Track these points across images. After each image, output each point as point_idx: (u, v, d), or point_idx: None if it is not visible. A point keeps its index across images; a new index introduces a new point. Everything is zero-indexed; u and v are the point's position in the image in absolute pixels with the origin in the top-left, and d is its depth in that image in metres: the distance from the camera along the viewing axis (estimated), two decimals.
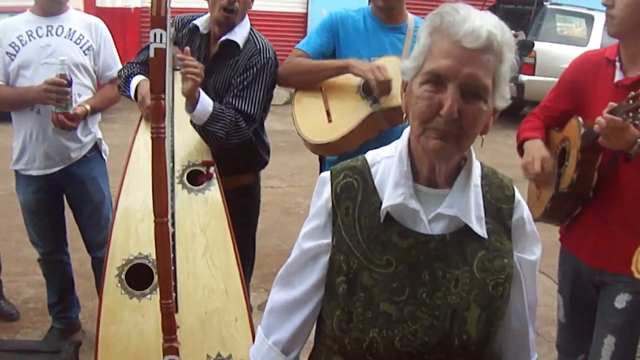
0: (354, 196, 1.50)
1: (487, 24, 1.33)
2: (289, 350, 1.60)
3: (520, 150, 2.81)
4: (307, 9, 13.73)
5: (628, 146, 2.28)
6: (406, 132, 1.51)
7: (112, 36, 3.70)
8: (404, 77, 1.45)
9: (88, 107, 3.48)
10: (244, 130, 2.90)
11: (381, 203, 1.47)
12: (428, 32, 1.39)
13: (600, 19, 10.34)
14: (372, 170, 1.53)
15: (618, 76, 2.51)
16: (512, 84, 10.24)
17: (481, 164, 1.56)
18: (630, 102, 2.21)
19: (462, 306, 1.44)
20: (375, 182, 1.51)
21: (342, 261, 1.47)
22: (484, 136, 1.45)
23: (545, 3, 12.05)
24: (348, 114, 2.98)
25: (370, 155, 1.56)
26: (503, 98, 1.41)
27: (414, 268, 1.44)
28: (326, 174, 1.56)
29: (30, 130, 3.50)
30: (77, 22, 3.55)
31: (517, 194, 1.56)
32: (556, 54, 10.33)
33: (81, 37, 3.52)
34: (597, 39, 10.64)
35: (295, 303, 1.56)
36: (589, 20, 11.29)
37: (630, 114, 2.20)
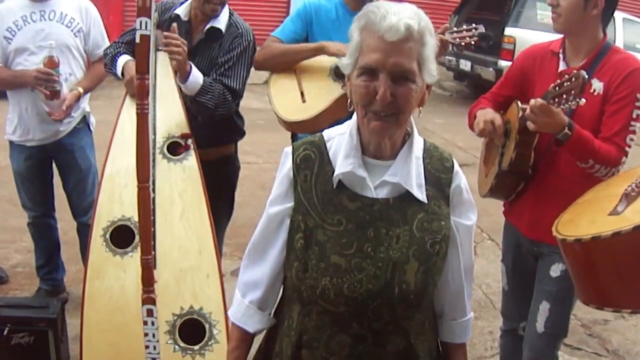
0: (312, 166, 1.72)
1: (404, 17, 1.54)
2: (265, 307, 1.84)
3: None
4: None
5: (556, 130, 2.51)
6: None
7: None
8: (345, 71, 1.67)
9: (81, 89, 3.75)
10: (230, 103, 3.17)
11: (334, 171, 1.69)
12: (358, 31, 1.61)
13: None
14: (328, 144, 1.74)
15: (562, 66, 2.76)
16: (491, 69, 10.22)
17: (424, 140, 1.79)
18: (556, 88, 2.45)
19: (402, 259, 1.64)
20: (330, 154, 1.72)
21: (301, 221, 1.69)
22: (421, 108, 1.68)
23: None
24: (321, 95, 3.20)
25: (327, 133, 1.78)
26: (430, 75, 1.63)
27: (361, 226, 1.66)
28: (289, 148, 1.78)
29: (25, 105, 3.74)
30: (68, 5, 3.75)
31: (456, 166, 1.78)
32: (535, 41, 10.24)
33: (72, 20, 3.74)
34: None
35: (267, 268, 1.78)
36: None
37: (556, 99, 2.44)
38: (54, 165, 4.04)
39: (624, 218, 2.07)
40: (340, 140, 1.74)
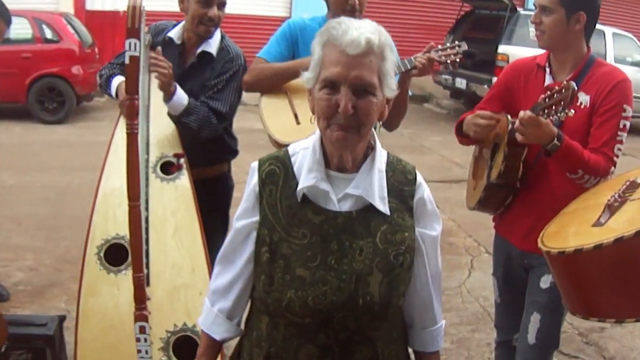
0: (276, 180, 1.76)
1: (365, 32, 1.60)
2: (233, 316, 1.87)
3: (460, 136, 3.04)
4: (290, 12, 13.93)
5: (545, 141, 2.52)
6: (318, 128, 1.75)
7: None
8: (307, 85, 1.71)
9: None
10: (215, 125, 3.20)
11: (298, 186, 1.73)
12: (320, 46, 1.67)
13: None
14: (292, 159, 1.79)
15: (548, 80, 2.79)
16: (485, 86, 10.38)
17: (388, 153, 1.83)
18: (546, 100, 2.46)
19: (365, 271, 1.68)
20: (295, 169, 1.77)
21: (266, 235, 1.72)
22: (381, 122, 1.74)
23: (518, 9, 12.37)
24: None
25: (291, 147, 1.83)
26: (390, 89, 1.68)
27: (325, 239, 1.69)
28: (255, 163, 1.82)
29: None
30: None
31: (419, 178, 1.82)
32: None
33: None
34: None
35: (235, 277, 1.82)
36: None
37: (545, 111, 2.46)
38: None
39: (607, 229, 2.10)
40: (304, 155, 1.78)
